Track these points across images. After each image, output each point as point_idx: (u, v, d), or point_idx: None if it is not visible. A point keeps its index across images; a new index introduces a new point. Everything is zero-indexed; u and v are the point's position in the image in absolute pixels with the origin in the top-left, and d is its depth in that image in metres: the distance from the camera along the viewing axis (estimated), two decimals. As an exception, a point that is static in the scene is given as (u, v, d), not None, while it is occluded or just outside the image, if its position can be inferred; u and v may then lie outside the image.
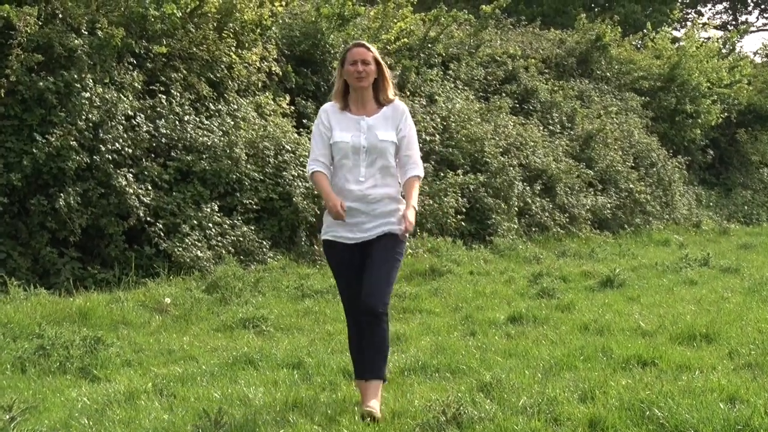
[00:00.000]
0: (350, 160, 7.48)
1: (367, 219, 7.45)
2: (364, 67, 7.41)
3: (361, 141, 7.46)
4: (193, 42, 16.38)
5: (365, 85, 7.50)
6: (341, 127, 7.53)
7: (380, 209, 7.46)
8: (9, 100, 13.71)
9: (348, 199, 7.37)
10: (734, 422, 6.93)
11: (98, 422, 7.68)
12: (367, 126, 7.52)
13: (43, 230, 13.62)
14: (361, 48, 7.54)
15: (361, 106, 7.61)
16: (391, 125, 7.58)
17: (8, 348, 9.76)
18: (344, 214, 7.25)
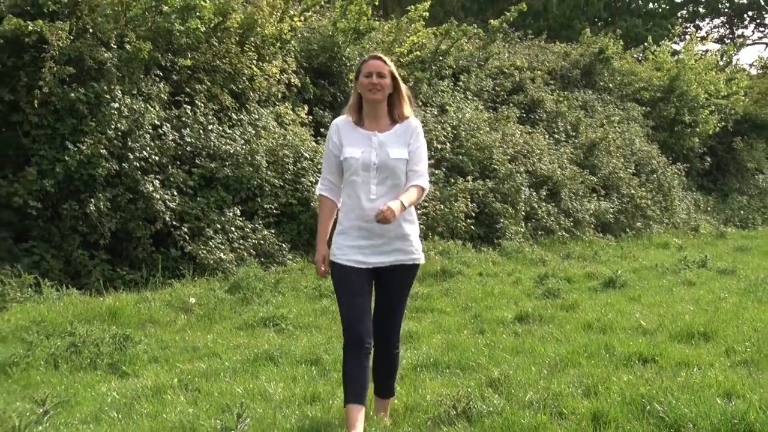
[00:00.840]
0: (360, 177, 6.84)
1: (381, 241, 6.84)
2: (379, 80, 6.82)
3: (372, 157, 6.83)
4: (217, 55, 16.41)
5: (379, 98, 6.88)
6: (351, 142, 6.92)
7: (394, 231, 6.84)
8: (42, 111, 13.74)
9: (361, 219, 6.81)
10: (731, 417, 6.93)
11: (127, 415, 7.71)
12: (379, 142, 6.89)
13: (74, 234, 13.65)
14: (378, 61, 6.95)
15: (374, 120, 6.99)
16: (403, 142, 6.95)
17: (42, 345, 9.78)
18: (325, 273, 6.99)
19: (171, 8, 15.42)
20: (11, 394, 8.31)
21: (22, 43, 13.81)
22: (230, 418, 7.18)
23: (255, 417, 7.30)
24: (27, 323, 10.78)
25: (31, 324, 10.74)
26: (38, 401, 7.83)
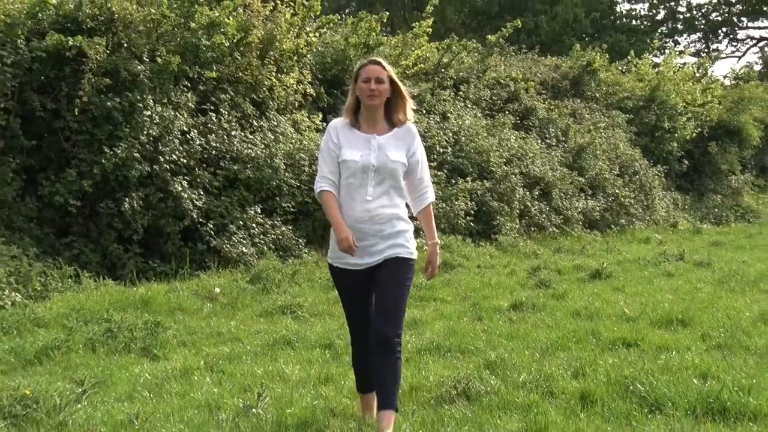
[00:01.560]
0: (357, 180, 6.28)
1: (375, 241, 6.29)
2: (377, 86, 6.26)
3: (371, 160, 6.26)
4: (239, 68, 16.42)
5: (376, 103, 6.33)
6: (351, 144, 6.34)
7: (388, 230, 6.31)
8: (81, 118, 13.77)
9: (357, 220, 6.25)
10: (706, 396, 6.95)
11: (158, 394, 7.71)
12: (378, 145, 6.32)
13: (110, 229, 13.67)
14: (376, 66, 6.36)
15: (371, 124, 6.43)
16: (402, 146, 6.40)
17: (81, 331, 9.79)
18: (355, 249, 6.15)
19: (198, 25, 15.44)
20: (53, 375, 8.32)
21: (63, 56, 13.83)
22: (251, 397, 7.20)
23: (274, 396, 7.31)
24: (67, 311, 10.80)
25: (71, 311, 10.77)
26: (77, 381, 7.84)
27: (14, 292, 11.73)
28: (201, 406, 7.28)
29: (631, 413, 6.77)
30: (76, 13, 14.47)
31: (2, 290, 11.61)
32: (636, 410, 6.84)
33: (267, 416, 6.83)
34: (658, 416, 6.70)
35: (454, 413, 6.84)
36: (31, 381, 7.91)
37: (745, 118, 28.91)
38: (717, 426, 6.42)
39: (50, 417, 6.94)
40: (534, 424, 6.47)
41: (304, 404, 7.05)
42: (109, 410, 7.22)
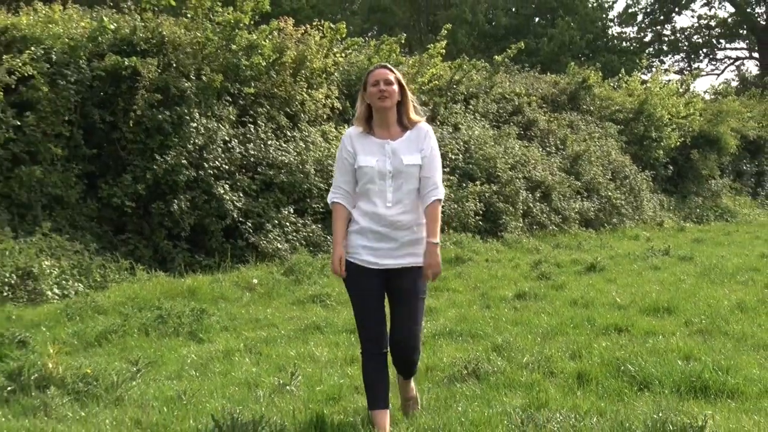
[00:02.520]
0: (376, 185, 5.75)
1: (394, 245, 5.73)
2: (387, 87, 5.75)
3: (387, 166, 5.72)
4: (275, 84, 16.43)
5: (388, 105, 5.78)
6: (366, 151, 5.80)
7: (408, 237, 5.75)
8: (136, 129, 13.82)
9: (378, 224, 5.72)
10: (689, 375, 6.94)
11: (203, 373, 7.72)
12: (392, 150, 5.76)
13: (161, 227, 13.71)
14: (383, 69, 5.91)
15: (384, 129, 5.87)
16: (415, 148, 5.80)
17: (135, 317, 9.82)
18: (342, 272, 5.77)
19: (238, 47, 15.47)
20: (111, 356, 8.35)
21: (120, 75, 13.89)
22: (285, 376, 7.20)
23: (305, 375, 7.32)
24: (123, 299, 10.84)
25: (126, 300, 10.81)
26: (132, 361, 7.86)
27: (77, 283, 11.80)
28: (241, 383, 7.29)
29: (623, 391, 6.76)
30: (132, 37, 14.55)
31: (67, 281, 11.68)
32: (627, 388, 6.82)
33: (299, 393, 6.84)
34: (647, 393, 6.69)
35: (464, 390, 6.83)
36: (92, 361, 7.93)
37: (724, 128, 28.82)
38: (699, 402, 6.39)
39: (108, 393, 6.97)
40: (536, 400, 6.46)
41: (331, 382, 7.06)
42: (160, 387, 7.24)
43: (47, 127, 13.17)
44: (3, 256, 11.33)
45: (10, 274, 11.10)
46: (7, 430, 6.16)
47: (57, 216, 13.01)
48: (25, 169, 12.83)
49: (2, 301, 10.67)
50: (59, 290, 11.45)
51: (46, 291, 11.22)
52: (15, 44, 13.46)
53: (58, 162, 13.30)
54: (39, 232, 12.29)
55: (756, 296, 11.04)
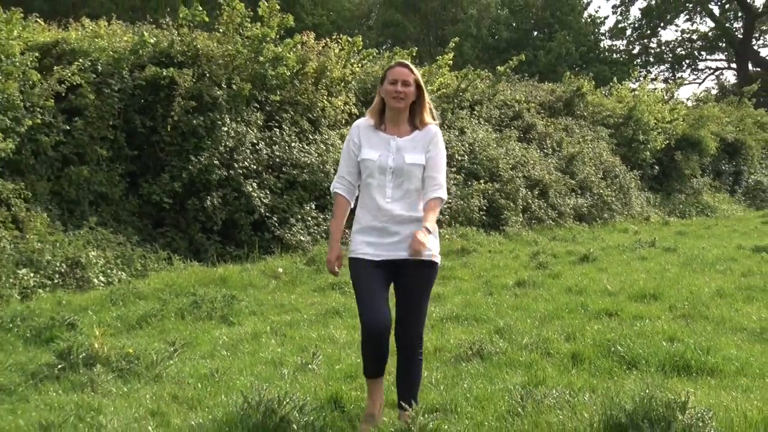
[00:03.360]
0: (376, 180, 5.33)
1: (396, 239, 5.27)
2: (404, 89, 5.33)
3: (389, 161, 5.30)
4: (298, 92, 16.43)
5: (401, 106, 5.36)
6: (370, 144, 5.39)
7: (411, 230, 5.23)
8: (173, 133, 13.85)
9: (378, 219, 5.30)
10: (673, 355, 6.95)
11: (233, 353, 7.74)
12: (397, 147, 5.33)
13: (196, 222, 13.74)
14: (404, 68, 5.42)
15: (395, 126, 5.44)
16: (421, 148, 5.37)
17: (173, 302, 9.85)
18: (337, 272, 5.49)
19: (265, 59, 15.47)
20: (150, 338, 8.37)
21: (159, 84, 13.91)
22: (307, 356, 7.21)
23: (325, 355, 7.33)
24: (162, 286, 10.88)
25: (164, 287, 10.84)
26: (170, 342, 7.88)
27: (120, 271, 11.84)
28: (267, 362, 7.31)
29: (613, 369, 6.75)
30: (169, 50, 14.58)
31: (111, 270, 11.72)
32: (616, 367, 6.82)
33: (320, 371, 6.85)
34: (635, 372, 6.68)
35: (469, 369, 6.83)
36: (134, 342, 7.96)
37: (704, 132, 28.73)
38: (682, 380, 6.39)
39: (149, 371, 6.99)
40: (534, 378, 6.45)
41: (349, 362, 7.06)
42: (195, 365, 7.26)
43: (94, 131, 13.22)
44: (54, 248, 11.38)
45: (60, 264, 11.15)
46: (58, 403, 6.19)
47: (102, 211, 13.05)
48: (74, 169, 12.89)
49: (53, 288, 10.72)
50: (104, 278, 11.49)
51: (92, 279, 11.27)
52: (65, 56, 13.51)
53: (103, 162, 13.34)
54: (86, 226, 12.34)
55: (733, 284, 11.02)
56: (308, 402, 5.56)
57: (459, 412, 5.70)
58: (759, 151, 32.37)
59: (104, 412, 5.97)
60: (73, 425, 5.73)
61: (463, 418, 5.57)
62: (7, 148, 11.53)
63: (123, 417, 5.84)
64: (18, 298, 10.08)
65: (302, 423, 5.21)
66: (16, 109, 11.95)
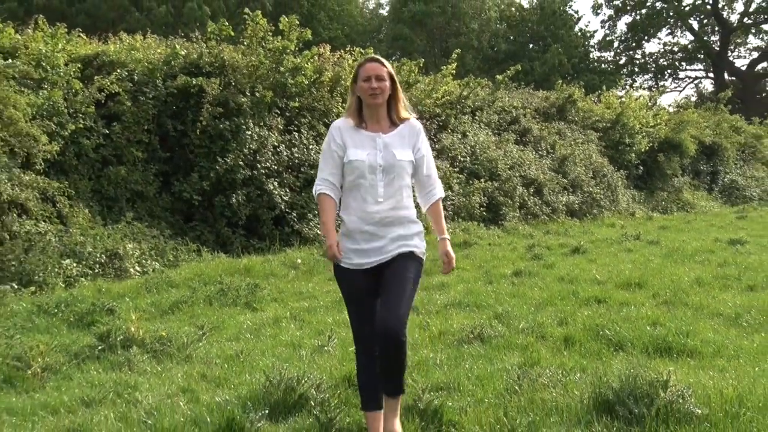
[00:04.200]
0: (367, 180, 4.67)
1: (382, 243, 4.66)
2: (379, 84, 4.70)
3: (378, 159, 4.67)
4: (315, 99, 16.43)
5: (380, 102, 4.73)
6: (356, 144, 4.73)
7: (399, 232, 4.68)
8: (202, 136, 13.89)
9: (366, 222, 4.66)
10: (656, 338, 6.94)
11: (256, 336, 7.75)
12: (384, 144, 4.71)
13: (222, 217, 13.76)
14: (375, 63, 4.80)
15: (375, 122, 4.80)
16: (408, 143, 4.77)
17: (202, 290, 9.86)
18: (340, 257, 4.72)
19: (285, 69, 15.47)
20: (181, 322, 8.39)
21: (189, 92, 13.95)
22: (323, 339, 7.22)
23: (340, 338, 7.32)
24: (192, 275, 10.90)
25: (194, 276, 10.86)
26: (199, 326, 7.90)
27: (154, 262, 11.87)
28: (287, 344, 7.31)
29: (601, 351, 6.74)
30: (199, 61, 14.61)
31: (146, 260, 11.75)
32: (605, 349, 6.80)
33: (335, 353, 6.85)
34: (621, 353, 6.67)
35: (471, 351, 6.82)
36: (166, 326, 7.98)
37: (684, 135, 28.65)
38: (664, 360, 6.37)
39: (180, 352, 7.01)
40: (530, 359, 6.44)
41: (362, 344, 7.07)
42: (222, 347, 7.27)
43: (130, 134, 13.26)
44: (95, 240, 11.41)
45: (100, 255, 11.18)
46: (99, 381, 6.21)
47: (138, 207, 13.08)
48: (113, 169, 12.93)
49: (94, 277, 10.75)
50: (140, 268, 11.52)
51: (129, 268, 11.29)
52: (104, 67, 13.55)
53: (138, 163, 13.38)
54: (123, 221, 12.37)
55: (711, 273, 10.99)
56: (324, 381, 5.57)
57: (461, 390, 5.69)
58: (734, 152, 32.29)
59: (140, 389, 5.99)
60: (112, 401, 5.76)
61: (465, 395, 5.57)
62: (53, 150, 11.57)
63: (157, 393, 5.85)
64: (62, 286, 10.12)
65: (318, 400, 5.22)
66: (61, 114, 12.00)
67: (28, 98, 11.38)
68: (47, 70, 12.21)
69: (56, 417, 5.49)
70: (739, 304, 8.76)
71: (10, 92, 11.05)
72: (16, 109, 10.95)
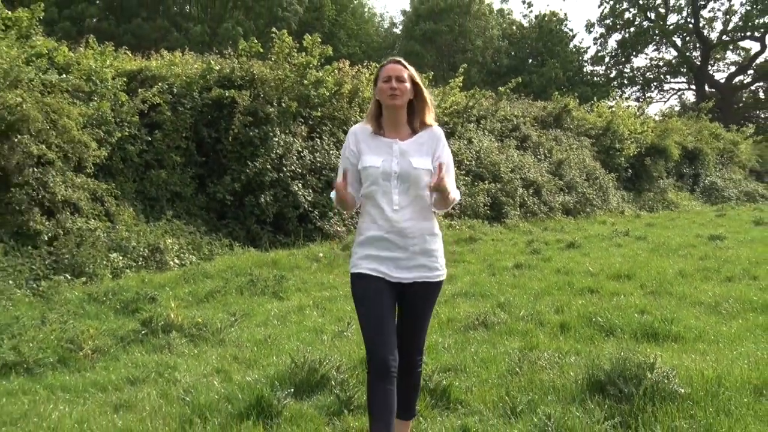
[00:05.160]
0: (380, 187, 3.99)
1: (404, 255, 3.95)
2: (398, 85, 4.01)
3: (393, 166, 3.98)
4: (335, 109, 16.43)
5: (399, 103, 4.03)
6: (372, 150, 4.06)
7: (419, 245, 3.98)
8: (233, 143, 13.91)
9: (384, 230, 3.96)
10: (643, 325, 6.92)
11: (282, 322, 7.77)
12: (400, 151, 4.01)
13: (252, 215, 13.77)
14: (396, 64, 4.10)
15: (393, 129, 4.10)
16: (426, 151, 4.05)
17: (233, 281, 9.89)
18: (344, 184, 3.99)
19: (309, 82, 15.48)
20: (216, 309, 8.41)
21: (222, 103, 13.99)
22: (343, 325, 7.23)
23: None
24: (225, 268, 10.92)
25: (227, 268, 10.88)
26: (231, 313, 7.93)
27: (191, 255, 11.91)
28: (310, 330, 7.33)
29: (594, 336, 6.72)
30: (231, 75, 14.62)
31: (184, 254, 11.79)
32: (597, 334, 6.79)
33: (353, 338, 6.85)
34: (612, 338, 6.66)
35: (476, 336, 6.82)
36: (202, 313, 8.01)
37: (669, 141, 28.55)
38: (651, 345, 6.35)
39: (214, 336, 7.03)
40: (529, 343, 6.44)
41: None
42: (252, 332, 7.29)
43: (170, 141, 13.30)
44: (138, 236, 11.46)
45: (143, 249, 11.23)
46: (142, 362, 6.25)
47: (177, 206, 13.12)
48: (154, 172, 12.97)
49: (138, 269, 10.80)
50: (178, 261, 11.56)
51: (169, 261, 11.33)
52: (147, 81, 13.60)
53: (177, 167, 13.41)
54: (164, 218, 12.41)
55: (693, 266, 10.95)
56: (343, 363, 5.58)
57: (467, 371, 5.69)
58: (714, 157, 32.20)
59: (179, 369, 6.02)
60: (154, 380, 5.79)
61: (471, 376, 5.57)
62: (102, 156, 11.63)
63: (194, 373, 5.88)
64: (110, 277, 10.17)
65: (339, 380, 5.23)
66: (109, 123, 12.05)
67: (80, 109, 11.43)
68: (97, 83, 12.26)
69: (105, 394, 5.53)
70: (718, 293, 8.73)
71: (64, 104, 11.12)
72: (69, 118, 11.01)
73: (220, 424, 4.67)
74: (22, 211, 10.17)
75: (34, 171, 10.57)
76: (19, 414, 5.08)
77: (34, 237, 10.16)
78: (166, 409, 5.03)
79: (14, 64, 10.35)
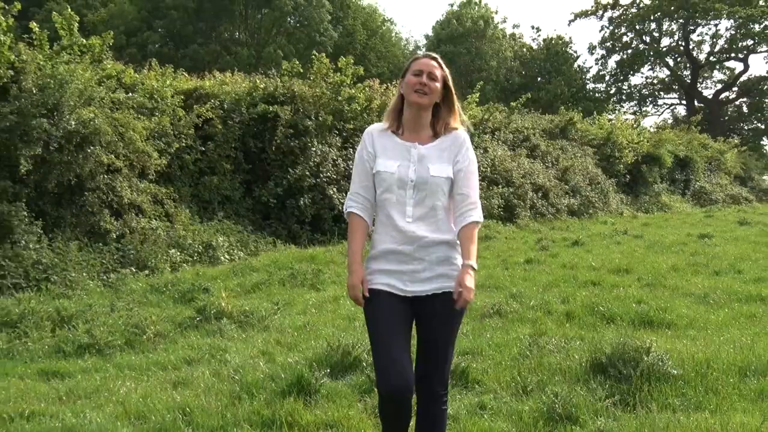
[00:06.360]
0: (394, 195, 3.28)
1: (421, 266, 3.24)
2: (429, 82, 3.22)
3: (409, 173, 3.25)
4: (366, 122, 16.41)
5: (424, 102, 3.24)
6: (387, 154, 3.30)
7: (436, 254, 3.26)
8: (276, 152, 13.95)
9: (399, 242, 3.27)
10: (640, 314, 6.91)
11: (320, 311, 7.79)
12: (419, 156, 3.26)
13: (293, 216, 13.79)
14: (431, 60, 3.30)
15: (413, 130, 3.31)
16: (447, 158, 3.29)
17: (276, 274, 9.93)
18: (362, 301, 3.29)
19: (342, 98, 15.49)
20: (261, 299, 8.46)
21: (267, 117, 14.02)
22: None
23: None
24: (269, 263, 10.97)
25: (271, 263, 10.93)
26: (274, 303, 7.96)
27: (240, 251, 11.97)
28: (344, 318, 7.35)
29: (596, 324, 6.70)
30: (274, 92, 14.65)
31: (233, 250, 11.86)
32: (599, 322, 6.76)
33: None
34: (612, 326, 6.63)
35: (491, 324, 6.81)
36: (249, 302, 8.05)
37: (663, 150, 28.27)
38: (647, 331, 6.31)
39: (260, 322, 7.07)
40: (538, 330, 6.42)
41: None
42: (292, 319, 7.32)
43: (221, 151, 13.37)
44: (194, 234, 11.55)
45: (198, 246, 11.32)
46: (197, 345, 6.30)
47: (227, 208, 13.20)
48: (207, 178, 13.05)
49: (193, 263, 10.88)
50: (228, 256, 11.62)
51: (220, 257, 11.41)
52: (201, 98, 13.68)
53: (227, 174, 13.48)
54: (216, 219, 12.51)
55: (685, 261, 10.88)
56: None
57: (483, 354, 5.68)
58: (703, 164, 31.93)
59: (229, 351, 6.06)
60: (207, 360, 5.83)
61: (487, 359, 5.56)
62: (162, 164, 11.75)
63: (242, 355, 5.92)
64: (169, 270, 10.26)
65: (369, 362, 5.23)
66: (168, 136, 12.17)
67: (144, 123, 11.55)
68: (158, 101, 12.37)
69: (165, 372, 5.58)
70: (707, 286, 8.67)
71: (130, 118, 11.24)
72: (134, 131, 11.13)
73: (266, 399, 4.69)
74: (94, 213, 10.34)
75: (104, 177, 10.71)
76: (93, 389, 5.16)
77: (104, 235, 10.29)
78: (218, 386, 5.07)
79: (88, 84, 10.50)
